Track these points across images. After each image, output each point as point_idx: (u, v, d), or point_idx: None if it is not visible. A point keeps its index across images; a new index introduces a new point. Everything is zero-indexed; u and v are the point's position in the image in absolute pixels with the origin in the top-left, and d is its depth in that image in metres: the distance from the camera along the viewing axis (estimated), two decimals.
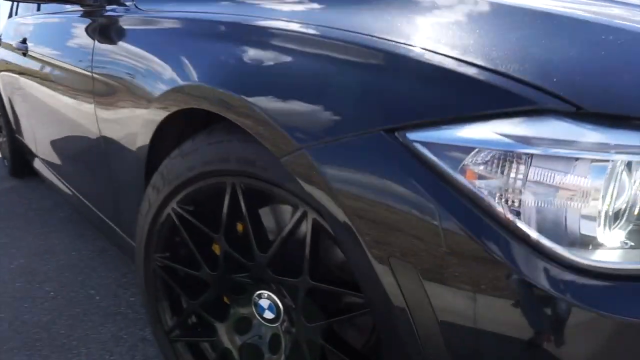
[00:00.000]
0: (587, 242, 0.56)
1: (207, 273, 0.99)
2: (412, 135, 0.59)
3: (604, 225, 0.56)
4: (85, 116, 1.54)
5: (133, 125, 1.18)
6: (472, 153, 0.57)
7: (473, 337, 0.58)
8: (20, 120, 2.85)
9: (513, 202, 0.56)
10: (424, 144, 0.58)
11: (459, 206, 0.56)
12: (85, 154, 1.68)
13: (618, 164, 0.54)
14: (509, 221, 0.55)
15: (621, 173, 0.55)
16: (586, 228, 0.56)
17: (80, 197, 1.97)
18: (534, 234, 0.54)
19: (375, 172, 0.61)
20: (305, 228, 0.82)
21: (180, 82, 0.93)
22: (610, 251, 0.55)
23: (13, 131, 3.12)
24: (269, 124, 0.73)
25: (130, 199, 1.32)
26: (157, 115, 1.04)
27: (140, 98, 1.11)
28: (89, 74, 1.42)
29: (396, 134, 0.60)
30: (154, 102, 1.03)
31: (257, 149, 0.83)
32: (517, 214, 0.56)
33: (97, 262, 2.08)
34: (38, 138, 2.45)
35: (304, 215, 0.81)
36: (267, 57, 0.79)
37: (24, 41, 2.23)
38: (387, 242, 0.60)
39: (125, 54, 1.23)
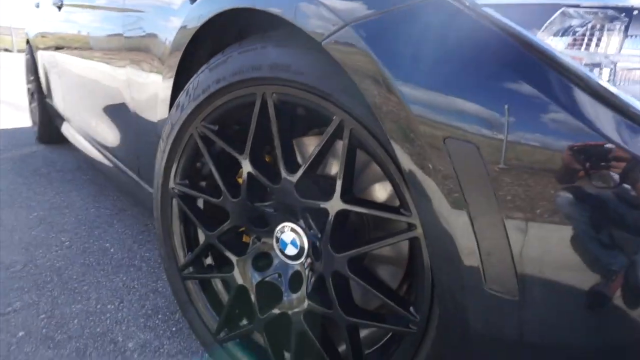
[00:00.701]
0: None
1: (228, 200, 0.91)
2: None
3: None
4: (115, 58, 1.50)
5: (158, 56, 1.13)
6: (555, 15, 0.48)
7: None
8: (51, 85, 2.87)
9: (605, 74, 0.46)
10: (496, 7, 0.49)
11: (546, 77, 0.47)
12: (112, 105, 1.65)
13: None
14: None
15: None
16: None
17: (104, 151, 1.94)
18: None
19: (440, 47, 0.52)
20: (339, 146, 0.74)
21: None
22: None
23: (44, 96, 3.15)
24: (306, 4, 0.65)
25: (151, 145, 1.27)
26: (184, 37, 0.98)
27: (169, 19, 1.05)
28: (121, 10, 1.37)
29: None
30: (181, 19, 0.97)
31: (292, 52, 0.76)
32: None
33: (115, 220, 2.05)
34: (67, 98, 2.45)
35: (340, 127, 0.73)
36: None
37: None
38: (458, 146, 0.51)
39: None
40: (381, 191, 0.90)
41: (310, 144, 0.96)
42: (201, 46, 1.03)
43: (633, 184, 0.44)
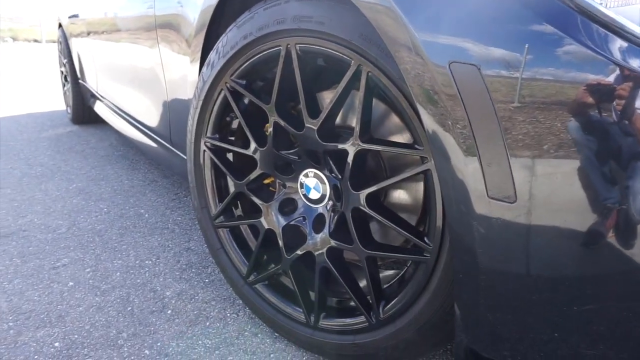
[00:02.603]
0: None
1: (256, 149, 0.99)
2: None
3: None
4: (146, 38, 1.59)
5: (188, 24, 1.20)
6: None
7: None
8: (84, 66, 3.00)
9: None
10: None
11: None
12: (146, 81, 1.74)
13: None
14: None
15: None
16: None
17: (137, 124, 2.05)
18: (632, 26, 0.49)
19: None
20: (357, 94, 0.80)
21: None
22: None
23: (77, 78, 3.29)
24: None
25: (182, 112, 1.35)
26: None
27: None
28: None
29: None
30: None
31: (313, 4, 0.82)
32: None
33: (148, 189, 2.16)
34: (101, 77, 2.57)
35: (358, 71, 0.79)
36: None
37: None
38: (461, 69, 0.56)
39: None
40: (398, 138, 0.96)
41: (329, 99, 1.03)
42: (228, 13, 1.10)
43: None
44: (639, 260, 0.52)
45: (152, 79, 1.62)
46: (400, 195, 0.99)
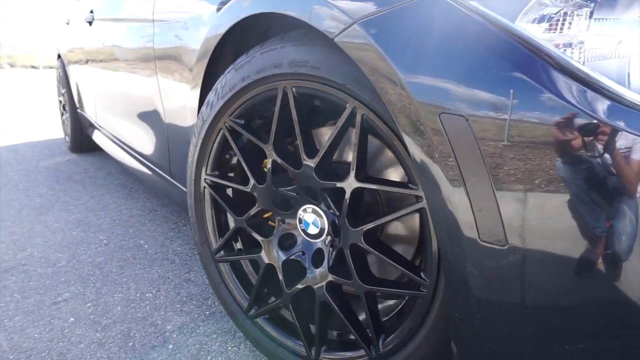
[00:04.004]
0: None
1: (255, 186, 1.01)
2: None
3: None
4: (145, 68, 1.63)
5: (187, 66, 1.24)
6: (529, 5, 0.56)
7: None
8: (82, 95, 3.05)
9: (576, 54, 0.54)
10: (481, 0, 0.58)
11: (523, 59, 0.55)
12: (144, 111, 1.77)
13: None
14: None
15: None
16: None
17: (136, 155, 2.08)
18: (608, 82, 0.52)
19: (434, 37, 0.61)
20: (353, 132, 0.83)
21: None
22: None
23: (75, 107, 3.33)
24: (320, 6, 0.75)
25: (181, 145, 1.38)
26: (211, 43, 1.09)
27: (197, 27, 1.16)
28: (150, 20, 1.50)
29: None
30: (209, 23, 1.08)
31: (309, 50, 0.85)
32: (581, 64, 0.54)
33: (147, 219, 2.18)
34: (99, 107, 2.61)
35: (352, 114, 0.82)
36: None
37: (91, 11, 2.38)
38: (451, 119, 0.59)
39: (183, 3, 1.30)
40: (393, 174, 0.99)
41: (328, 134, 1.06)
42: (225, 55, 1.14)
43: (600, 150, 0.52)
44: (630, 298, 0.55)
45: (150, 109, 1.66)
46: (397, 228, 1.01)
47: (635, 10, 0.53)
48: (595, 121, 0.51)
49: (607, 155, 0.52)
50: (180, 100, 1.35)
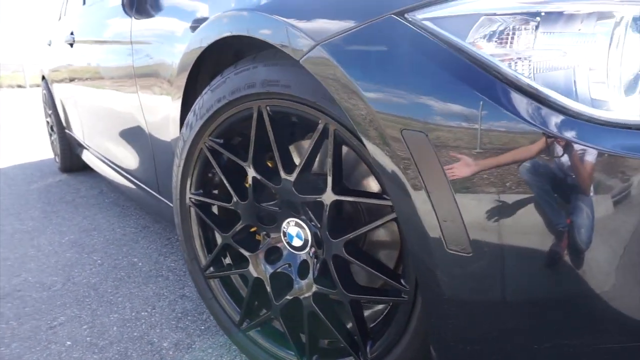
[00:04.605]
0: (600, 107, 0.56)
1: (238, 203, 1.04)
2: (421, 15, 0.61)
3: (617, 90, 0.56)
4: (126, 86, 1.65)
5: (167, 78, 1.26)
6: (479, 22, 0.59)
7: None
8: (69, 116, 3.06)
9: (525, 67, 0.57)
10: (433, 20, 0.61)
11: (475, 75, 0.58)
12: (128, 128, 1.79)
13: (624, 18, 0.54)
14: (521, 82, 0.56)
15: (627, 29, 0.55)
16: (597, 93, 0.56)
17: (125, 173, 2.09)
18: (554, 95, 0.55)
19: (391, 56, 0.63)
20: (327, 145, 0.86)
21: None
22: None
23: (63, 128, 3.34)
24: (286, 30, 0.77)
25: (166, 162, 1.40)
26: (189, 60, 1.12)
27: (173, 45, 1.18)
28: (129, 42, 1.52)
29: (406, 15, 0.62)
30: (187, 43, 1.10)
31: (279, 70, 0.88)
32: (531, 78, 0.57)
33: (140, 237, 2.19)
34: (86, 127, 2.62)
35: (325, 129, 0.84)
36: None
37: (71, 33, 2.40)
38: (412, 135, 0.62)
39: (158, 24, 1.32)
40: (373, 184, 1.01)
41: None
42: (204, 68, 1.16)
43: (541, 158, 0.55)
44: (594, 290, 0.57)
45: (135, 130, 1.67)
46: (379, 235, 1.04)
47: (576, 23, 0.56)
48: (543, 133, 0.54)
49: (557, 163, 0.55)
50: (163, 114, 1.36)
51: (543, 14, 0.57)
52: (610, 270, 0.56)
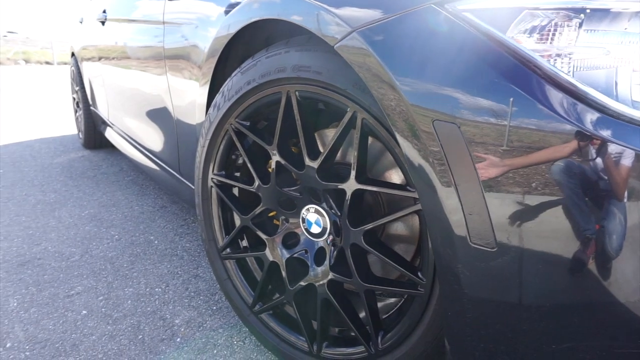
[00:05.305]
0: None
1: (260, 186, 1.04)
2: (461, 5, 0.61)
3: None
4: (155, 67, 1.67)
5: (196, 63, 1.27)
6: (520, 16, 0.58)
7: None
8: (95, 93, 3.11)
9: (565, 64, 0.56)
10: (473, 12, 0.60)
11: (514, 69, 0.57)
12: (154, 109, 1.81)
13: None
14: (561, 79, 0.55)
15: None
16: (639, 95, 0.55)
17: (147, 152, 2.12)
18: (594, 93, 0.54)
19: (428, 46, 0.63)
20: (351, 134, 0.86)
21: None
22: None
23: (89, 105, 3.40)
24: (320, 14, 0.77)
25: (190, 145, 1.42)
26: (219, 44, 1.12)
27: (206, 28, 1.19)
28: (161, 23, 1.53)
29: (446, 5, 0.62)
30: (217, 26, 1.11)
31: (311, 55, 0.88)
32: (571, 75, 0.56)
33: (157, 215, 2.23)
34: (111, 105, 2.66)
35: (352, 118, 0.84)
36: None
37: (104, 11, 2.43)
38: (443, 127, 0.62)
39: (192, 6, 1.34)
40: (395, 176, 1.01)
41: (331, 136, 1.08)
42: (234, 53, 1.17)
43: (578, 160, 0.54)
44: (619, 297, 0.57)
45: (160, 106, 1.70)
46: (398, 229, 1.04)
47: (622, 22, 0.55)
48: (580, 131, 0.53)
49: (591, 164, 0.54)
50: (190, 97, 1.38)
51: (588, 10, 0.56)
52: (638, 281, 0.55)
